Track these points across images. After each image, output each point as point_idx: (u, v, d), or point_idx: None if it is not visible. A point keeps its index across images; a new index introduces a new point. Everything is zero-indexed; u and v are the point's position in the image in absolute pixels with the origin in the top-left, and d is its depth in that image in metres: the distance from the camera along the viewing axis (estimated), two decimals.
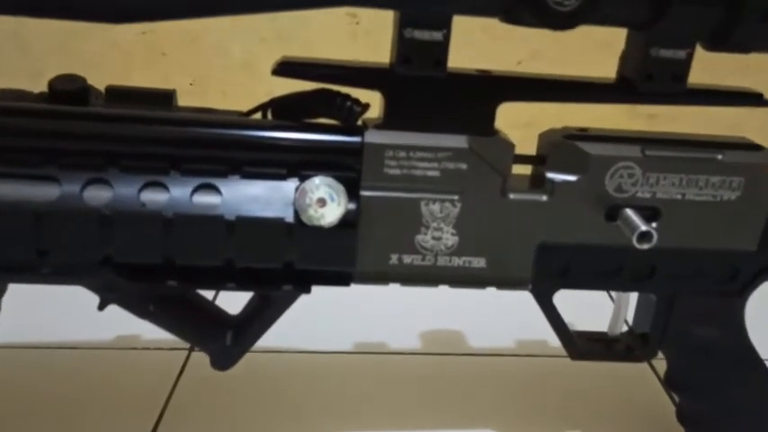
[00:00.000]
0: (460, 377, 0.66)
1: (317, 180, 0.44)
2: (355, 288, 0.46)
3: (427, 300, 0.61)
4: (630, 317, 0.54)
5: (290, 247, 0.44)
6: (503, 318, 0.72)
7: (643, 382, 0.67)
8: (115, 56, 0.95)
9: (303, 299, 0.46)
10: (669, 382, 0.54)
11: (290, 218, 0.44)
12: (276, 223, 0.43)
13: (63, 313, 0.67)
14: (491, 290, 0.47)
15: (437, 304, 0.65)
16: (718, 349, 0.50)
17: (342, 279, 0.47)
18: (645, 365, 0.68)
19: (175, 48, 0.97)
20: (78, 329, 0.67)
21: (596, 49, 0.65)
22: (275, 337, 0.50)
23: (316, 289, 0.45)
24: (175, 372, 0.64)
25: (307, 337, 0.68)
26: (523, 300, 0.49)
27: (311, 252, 0.44)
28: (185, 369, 0.64)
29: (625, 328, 0.53)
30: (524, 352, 0.70)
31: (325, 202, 0.44)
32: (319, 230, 0.44)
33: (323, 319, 0.70)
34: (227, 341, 0.47)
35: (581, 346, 0.52)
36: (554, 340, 0.51)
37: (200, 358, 0.52)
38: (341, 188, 0.44)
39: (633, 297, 0.51)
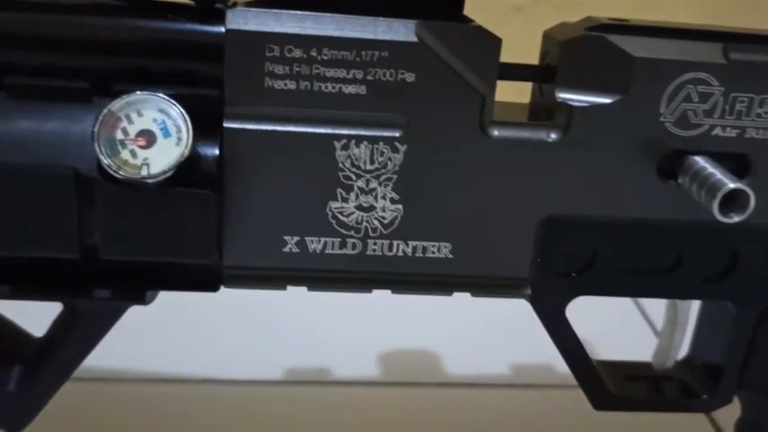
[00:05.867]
0: (435, 416, 0.53)
1: (138, 98, 0.25)
2: (287, 291, 0.30)
3: (388, 308, 0.52)
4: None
5: (90, 221, 0.26)
6: (494, 334, 0.60)
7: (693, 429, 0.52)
8: None
9: (209, 304, 0.35)
10: None
11: (87, 166, 0.25)
12: (60, 177, 0.25)
13: None
14: (465, 297, 0.31)
15: (402, 315, 0.56)
16: None
17: (200, 279, 0.29)
18: None
19: None
20: None
21: None
22: (176, 360, 0.46)
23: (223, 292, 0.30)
24: None
25: (220, 360, 0.56)
26: (522, 307, 0.34)
27: (131, 230, 0.25)
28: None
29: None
30: (524, 381, 0.57)
31: (154, 137, 0.25)
32: (143, 190, 0.25)
33: (242, 335, 0.59)
34: (9, 384, 0.28)
35: (612, 387, 0.34)
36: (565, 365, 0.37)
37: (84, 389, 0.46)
38: (182, 114, 0.25)
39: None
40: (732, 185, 0.25)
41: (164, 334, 0.57)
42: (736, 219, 0.26)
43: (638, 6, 0.80)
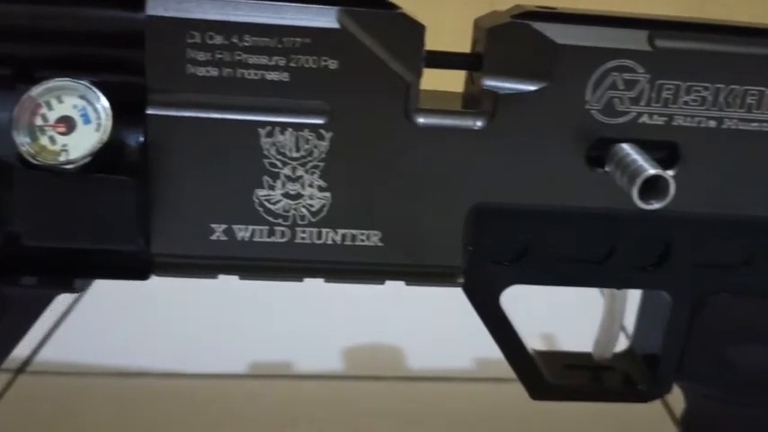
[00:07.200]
0: (398, 409, 0.52)
1: (58, 84, 0.25)
2: (249, 286, 0.31)
3: (351, 302, 0.52)
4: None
5: (10, 207, 0.26)
6: (457, 328, 0.56)
7: (652, 422, 0.52)
8: None
9: (172, 299, 0.39)
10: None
11: (7, 152, 0.25)
12: None
13: None
14: (430, 290, 0.32)
15: (366, 309, 0.56)
16: None
17: (129, 267, 0.29)
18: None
19: None
20: None
21: None
22: (139, 354, 0.45)
23: (181, 286, 0.32)
24: None
25: (183, 354, 0.55)
26: None
27: (50, 216, 0.25)
28: (5, 395, 0.51)
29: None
30: (486, 375, 0.57)
31: (74, 123, 0.25)
32: (62, 176, 0.25)
33: (205, 330, 0.58)
34: None
35: (549, 377, 0.33)
36: None
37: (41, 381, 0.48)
38: (102, 100, 0.25)
39: (634, 298, 0.35)
40: (651, 171, 0.25)
41: (127, 328, 0.57)
42: (656, 205, 0.26)
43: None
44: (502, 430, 0.51)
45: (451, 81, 0.31)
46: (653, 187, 0.26)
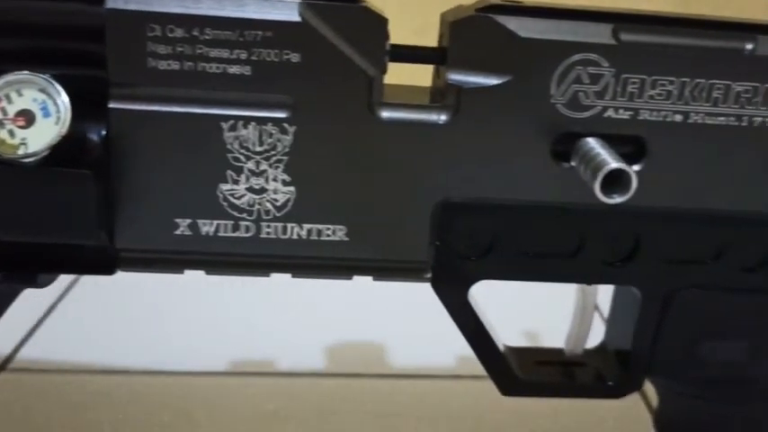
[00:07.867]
0: (379, 407, 0.52)
1: (18, 77, 0.25)
2: (231, 283, 0.32)
3: (332, 299, 0.52)
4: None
5: None
6: (439, 325, 0.55)
7: (632, 419, 0.51)
8: None
9: (152, 295, 0.36)
10: (660, 429, 0.37)
11: None
12: None
13: None
14: (411, 287, 0.32)
15: (348, 306, 0.56)
16: (745, 381, 0.33)
17: (94, 262, 0.28)
18: (635, 396, 0.50)
19: None
20: None
21: None
22: (120, 351, 0.45)
23: (164, 284, 0.33)
24: None
25: (164, 351, 0.55)
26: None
27: (9, 209, 0.26)
28: None
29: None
30: (468, 372, 0.56)
31: (33, 117, 0.25)
32: (21, 170, 0.25)
33: (186, 327, 0.58)
34: None
35: (520, 373, 0.33)
36: None
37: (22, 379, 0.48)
38: (62, 94, 0.25)
39: (606, 294, 0.35)
40: (613, 165, 0.25)
41: (109, 326, 0.57)
42: (618, 200, 0.26)
43: None
44: (483, 427, 0.51)
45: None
46: (617, 181, 0.26)
